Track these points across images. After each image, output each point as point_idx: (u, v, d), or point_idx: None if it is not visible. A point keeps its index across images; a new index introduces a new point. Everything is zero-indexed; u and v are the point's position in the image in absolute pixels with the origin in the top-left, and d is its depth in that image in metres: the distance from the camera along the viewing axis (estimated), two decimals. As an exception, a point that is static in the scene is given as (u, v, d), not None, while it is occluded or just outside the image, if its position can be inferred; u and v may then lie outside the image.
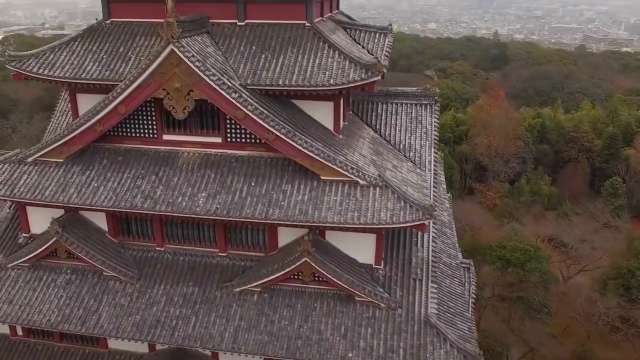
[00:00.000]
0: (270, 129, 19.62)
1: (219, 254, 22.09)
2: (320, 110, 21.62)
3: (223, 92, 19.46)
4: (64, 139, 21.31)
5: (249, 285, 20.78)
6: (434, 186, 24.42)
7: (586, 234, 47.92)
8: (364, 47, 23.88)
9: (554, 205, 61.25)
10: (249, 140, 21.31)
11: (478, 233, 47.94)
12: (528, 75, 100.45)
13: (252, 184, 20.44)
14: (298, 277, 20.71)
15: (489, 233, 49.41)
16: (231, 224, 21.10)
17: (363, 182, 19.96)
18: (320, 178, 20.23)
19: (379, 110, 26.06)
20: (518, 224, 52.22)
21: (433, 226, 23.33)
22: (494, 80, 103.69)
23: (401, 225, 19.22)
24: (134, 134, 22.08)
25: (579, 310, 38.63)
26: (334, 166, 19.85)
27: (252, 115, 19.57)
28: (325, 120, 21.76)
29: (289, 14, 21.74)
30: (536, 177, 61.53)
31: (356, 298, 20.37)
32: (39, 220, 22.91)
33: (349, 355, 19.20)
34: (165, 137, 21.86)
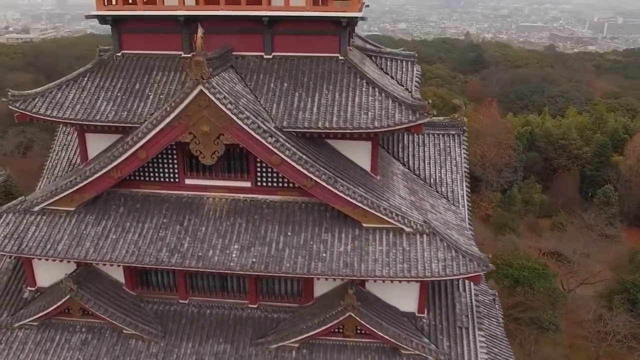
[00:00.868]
0: (310, 175, 18.15)
1: (250, 306, 20.46)
2: (356, 150, 20.21)
3: (258, 137, 17.88)
4: (76, 187, 19.33)
5: (287, 342, 19.26)
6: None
7: (585, 246, 47.87)
8: (393, 78, 22.71)
9: (546, 213, 61.38)
10: (282, 185, 19.76)
11: (481, 249, 47.24)
12: (508, 79, 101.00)
13: (289, 234, 18.92)
14: (339, 331, 19.30)
15: (489, 247, 48.86)
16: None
17: (409, 230, 18.69)
18: (362, 225, 18.87)
19: (405, 141, 24.82)
20: (514, 236, 51.96)
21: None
22: (473, 84, 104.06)
23: (454, 278, 18.05)
24: (153, 179, 20.24)
25: (589, 328, 38.32)
26: (378, 213, 18.51)
27: (290, 161, 18.06)
28: (362, 161, 20.35)
29: (320, 46, 20.25)
30: (528, 186, 61.56)
31: (402, 351, 19.10)
32: (46, 272, 20.89)
33: (401, 416, 17.94)
34: (188, 182, 20.10)
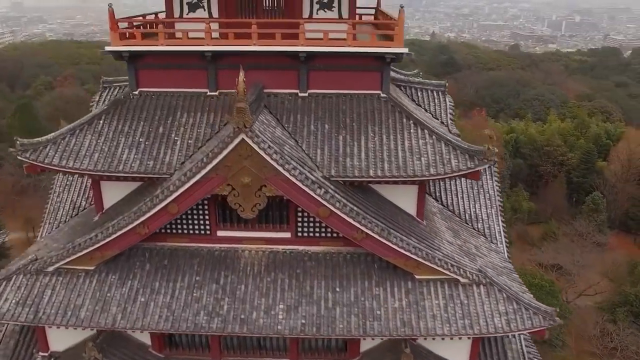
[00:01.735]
0: (362, 228, 16.72)
1: (290, 365, 18.93)
2: (402, 195, 18.89)
3: (306, 189, 16.33)
4: (97, 244, 17.35)
5: (337, 405, 17.84)
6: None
7: (580, 255, 48.01)
8: (426, 110, 21.54)
9: (534, 220, 61.61)
10: (325, 235, 18.27)
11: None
12: (482, 82, 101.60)
13: (337, 290, 17.46)
14: (392, 391, 17.98)
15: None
16: (308, 332, 18.01)
17: (464, 280, 17.50)
18: (415, 277, 17.59)
19: (436, 174, 23.62)
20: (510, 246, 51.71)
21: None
22: (449, 88, 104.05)
23: (518, 333, 16.99)
24: (181, 231, 18.42)
25: (596, 344, 38.22)
26: (434, 265, 17.25)
27: (340, 214, 16.58)
28: (408, 205, 19.05)
29: (360, 83, 18.84)
30: (515, 194, 61.64)
31: (458, 408, 17.96)
32: (61, 335, 18.74)
33: None
34: (220, 234, 18.37)
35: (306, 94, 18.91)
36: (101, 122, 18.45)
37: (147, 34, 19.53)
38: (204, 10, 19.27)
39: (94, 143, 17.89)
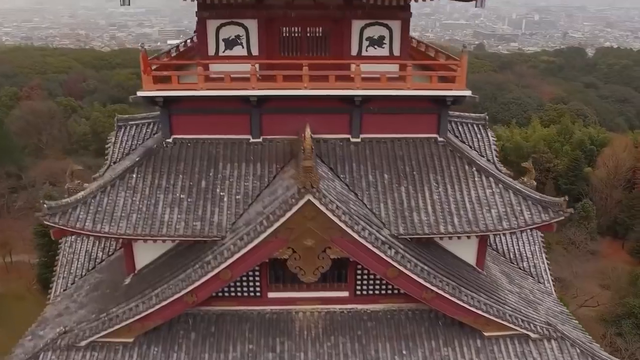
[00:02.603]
0: (433, 288, 15.49)
1: None
2: (462, 245, 17.61)
3: (376, 250, 14.97)
4: (138, 316, 15.53)
5: None
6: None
7: (578, 266, 48.19)
8: (471, 147, 20.47)
9: (523, 227, 61.68)
10: (385, 292, 16.95)
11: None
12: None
13: (404, 352, 16.17)
14: None
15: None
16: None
17: (535, 336, 16.49)
18: (484, 334, 16.47)
19: (476, 210, 22.62)
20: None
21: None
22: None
23: (598, 392, 16.10)
24: (228, 294, 16.74)
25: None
26: (505, 322, 16.18)
27: (411, 275, 15.30)
28: (468, 256, 17.89)
29: (416, 126, 17.57)
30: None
31: None
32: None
33: None
34: (272, 295, 16.83)
35: (359, 139, 17.49)
36: (134, 177, 16.56)
37: (179, 66, 17.74)
38: (242, 47, 17.58)
39: (130, 202, 16.00)
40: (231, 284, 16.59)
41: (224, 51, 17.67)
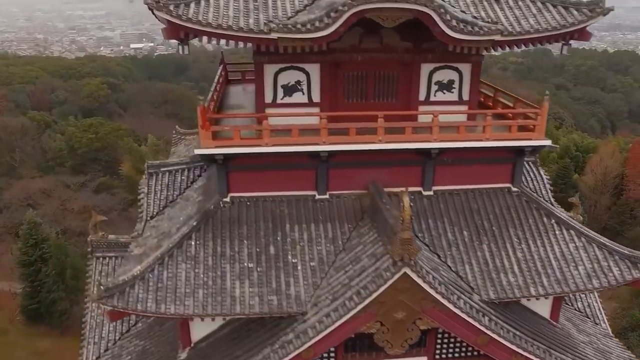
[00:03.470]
0: (525, 353, 14.51)
1: None
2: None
3: (471, 320, 13.87)
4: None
5: None
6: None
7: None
8: (525, 186, 19.60)
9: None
10: (465, 354, 15.88)
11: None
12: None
13: (491, 421, 15.15)
14: None
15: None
16: None
17: (622, 395, 15.81)
18: (572, 397, 15.64)
19: (526, 249, 21.83)
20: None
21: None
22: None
23: None
24: None
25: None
26: (596, 385, 15.41)
27: (504, 342, 14.28)
28: (544, 309, 16.89)
29: (490, 176, 16.55)
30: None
31: None
32: None
33: None
34: (346, 365, 15.50)
35: (431, 192, 16.35)
36: (193, 244, 14.89)
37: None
38: (303, 94, 16.16)
39: (192, 275, 14.34)
40: (304, 356, 15.24)
41: (282, 98, 16.20)
